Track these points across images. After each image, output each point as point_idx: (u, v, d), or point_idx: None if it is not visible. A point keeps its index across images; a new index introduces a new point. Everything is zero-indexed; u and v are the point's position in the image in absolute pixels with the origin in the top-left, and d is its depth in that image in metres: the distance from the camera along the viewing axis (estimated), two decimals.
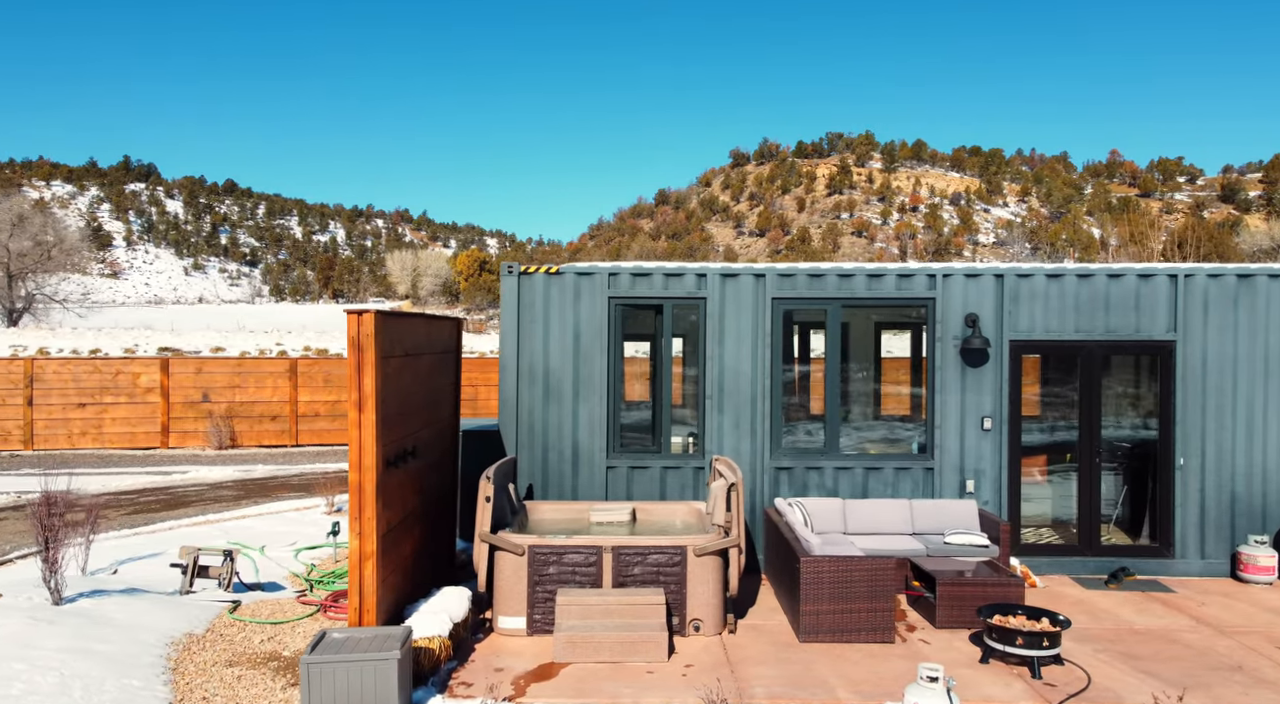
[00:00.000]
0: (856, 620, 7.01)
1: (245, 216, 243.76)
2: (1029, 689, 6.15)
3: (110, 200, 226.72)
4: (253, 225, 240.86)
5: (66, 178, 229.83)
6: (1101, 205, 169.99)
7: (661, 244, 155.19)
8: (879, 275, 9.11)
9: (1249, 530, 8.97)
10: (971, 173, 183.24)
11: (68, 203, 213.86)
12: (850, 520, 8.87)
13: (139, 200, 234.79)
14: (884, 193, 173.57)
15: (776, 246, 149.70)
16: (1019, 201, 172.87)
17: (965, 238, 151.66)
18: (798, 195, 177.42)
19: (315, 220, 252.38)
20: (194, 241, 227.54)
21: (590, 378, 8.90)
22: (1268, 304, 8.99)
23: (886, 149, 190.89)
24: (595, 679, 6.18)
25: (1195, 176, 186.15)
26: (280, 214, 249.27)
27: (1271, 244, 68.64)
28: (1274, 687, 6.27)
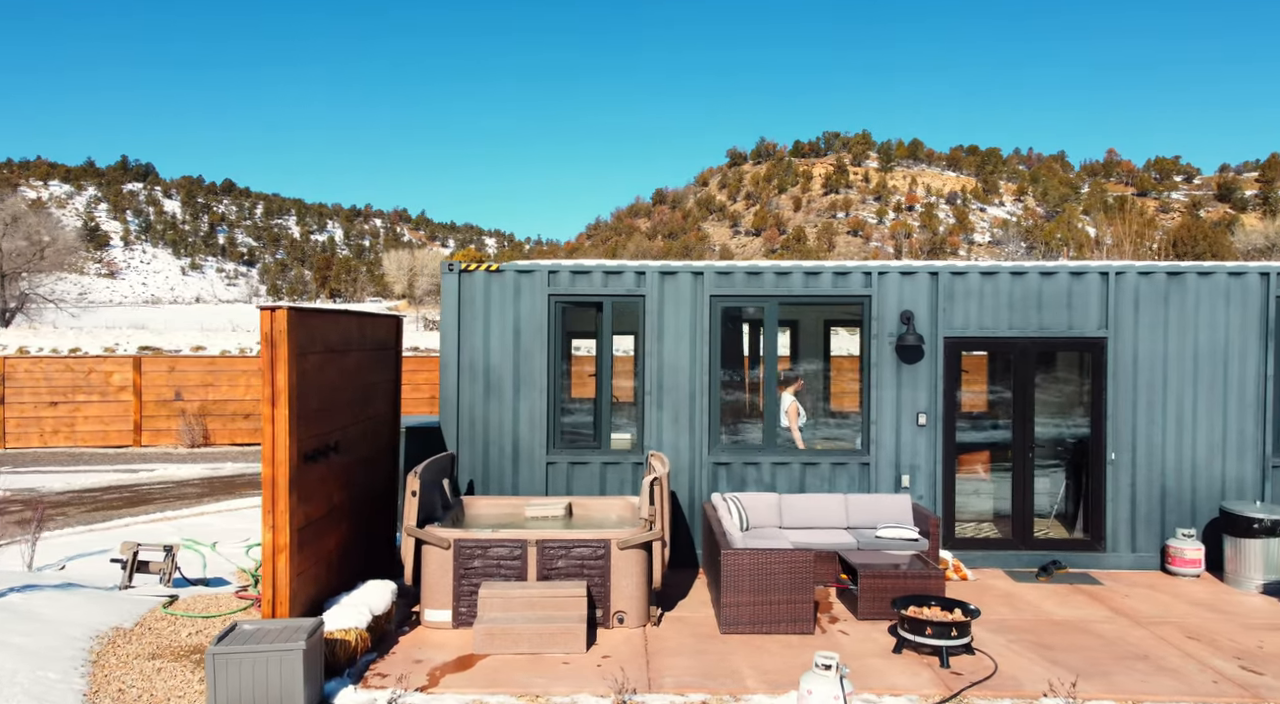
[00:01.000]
0: (776, 612, 7.15)
1: (243, 216, 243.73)
2: (935, 678, 6.29)
3: (108, 200, 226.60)
4: (250, 225, 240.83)
5: (64, 178, 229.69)
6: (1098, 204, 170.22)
7: (658, 243, 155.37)
8: (815, 273, 9.25)
9: (1178, 524, 9.12)
10: (968, 172, 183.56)
11: (65, 203, 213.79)
12: (785, 515, 9.01)
13: (136, 200, 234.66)
14: (880, 192, 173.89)
15: (772, 246, 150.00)
16: (1015, 201, 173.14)
17: (960, 237, 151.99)
18: (794, 195, 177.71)
19: (313, 220, 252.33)
20: (191, 241, 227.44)
21: (531, 375, 9.04)
22: (1197, 302, 9.13)
23: (883, 148, 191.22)
24: (510, 670, 6.31)
25: (1192, 176, 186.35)
26: (278, 214, 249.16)
27: (1266, 243, 68.75)
28: (1173, 675, 6.41)
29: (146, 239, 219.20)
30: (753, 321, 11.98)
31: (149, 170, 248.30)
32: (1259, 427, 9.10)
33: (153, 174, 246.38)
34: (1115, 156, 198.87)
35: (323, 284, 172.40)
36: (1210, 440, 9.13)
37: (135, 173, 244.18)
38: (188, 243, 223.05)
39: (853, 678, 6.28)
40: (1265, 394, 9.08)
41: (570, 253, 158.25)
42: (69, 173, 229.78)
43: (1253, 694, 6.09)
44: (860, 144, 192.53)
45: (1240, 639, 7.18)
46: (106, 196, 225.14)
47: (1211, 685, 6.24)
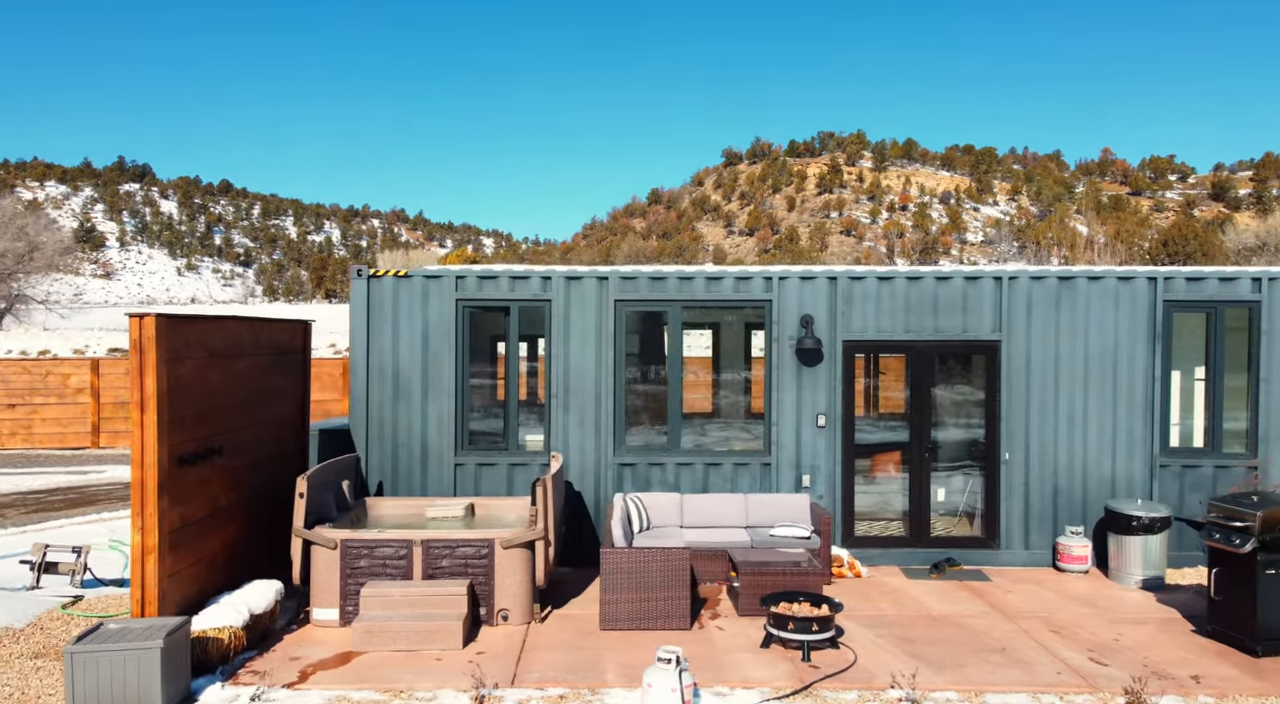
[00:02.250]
0: (653, 609, 7.39)
1: (240, 217, 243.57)
2: (793, 670, 6.53)
3: (104, 201, 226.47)
4: (247, 225, 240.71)
5: (60, 178, 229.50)
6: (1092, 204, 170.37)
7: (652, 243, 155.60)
8: (718, 278, 9.50)
9: (1070, 522, 9.37)
10: (962, 171, 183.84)
11: (61, 203, 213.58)
12: (687, 514, 9.26)
13: (133, 201, 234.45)
14: (874, 192, 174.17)
15: (765, 245, 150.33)
16: (1009, 200, 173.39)
17: (953, 236, 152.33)
18: (788, 194, 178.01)
19: (310, 220, 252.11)
20: (188, 242, 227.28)
21: (439, 378, 9.28)
22: (1088, 305, 9.39)
23: (877, 148, 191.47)
24: (382, 666, 6.54)
25: (1187, 175, 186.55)
26: (275, 214, 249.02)
27: (1257, 242, 68.97)
28: (1023, 666, 6.66)
29: (143, 240, 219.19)
30: None
31: (146, 171, 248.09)
32: (1147, 426, 9.35)
33: (149, 174, 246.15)
34: (1111, 156, 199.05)
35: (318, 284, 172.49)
36: (1101, 440, 9.39)
37: (132, 173, 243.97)
38: (184, 243, 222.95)
39: (714, 671, 6.54)
40: (1153, 395, 9.34)
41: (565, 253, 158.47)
42: (65, 173, 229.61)
43: (1090, 684, 6.34)
44: (855, 144, 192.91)
45: (1101, 632, 7.43)
46: (103, 197, 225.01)
47: (1055, 676, 6.49)
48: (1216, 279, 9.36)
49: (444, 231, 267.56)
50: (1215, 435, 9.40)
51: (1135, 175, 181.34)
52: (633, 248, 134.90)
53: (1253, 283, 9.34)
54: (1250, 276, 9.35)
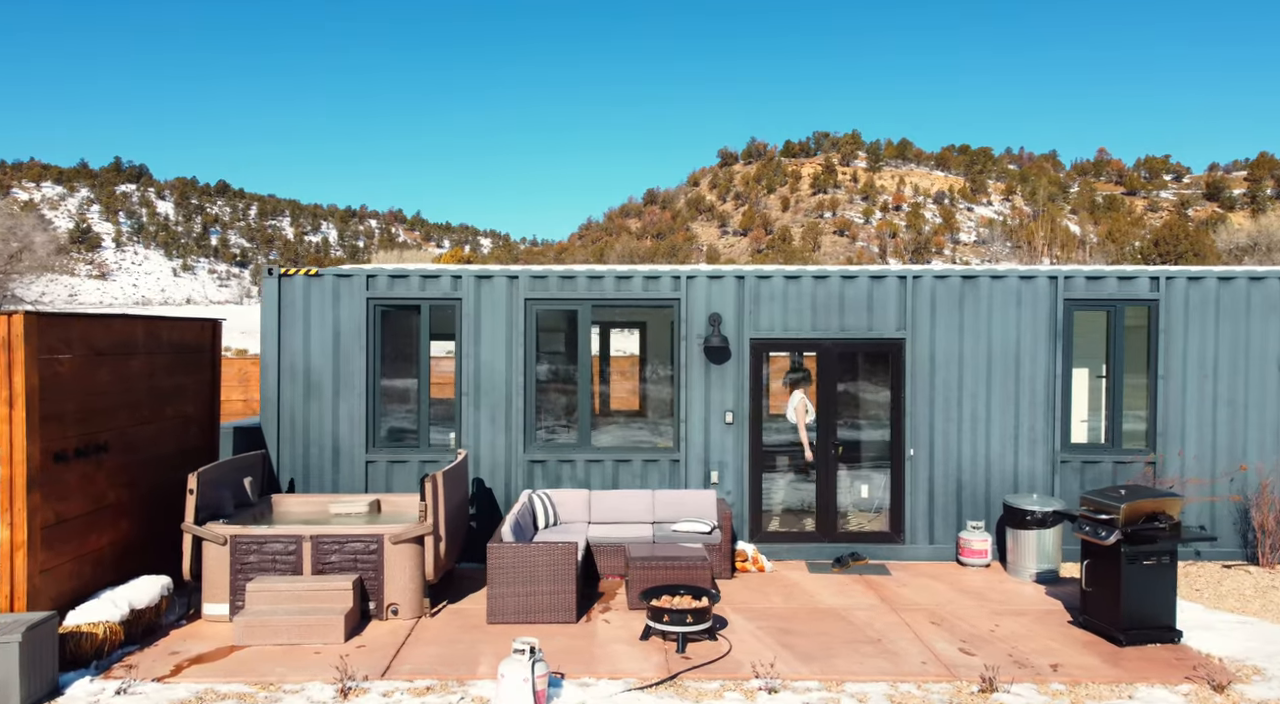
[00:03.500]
0: (539, 603, 7.52)
1: (237, 217, 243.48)
2: (664, 662, 6.65)
3: (100, 201, 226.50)
4: (244, 226, 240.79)
5: (57, 179, 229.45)
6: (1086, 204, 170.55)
7: (646, 244, 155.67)
8: (627, 277, 9.63)
9: (972, 517, 9.51)
10: (957, 171, 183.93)
11: (58, 204, 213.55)
12: (595, 510, 9.40)
13: (129, 201, 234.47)
14: (868, 192, 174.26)
15: (758, 246, 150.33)
16: (1004, 200, 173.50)
17: (946, 236, 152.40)
18: (782, 195, 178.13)
19: (308, 221, 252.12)
20: (184, 242, 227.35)
21: (350, 376, 9.41)
22: (990, 304, 9.53)
23: (871, 148, 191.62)
24: (258, 660, 6.62)
25: (1182, 175, 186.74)
26: (272, 215, 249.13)
27: (1249, 241, 69.11)
28: (891, 657, 6.80)
29: (139, 240, 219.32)
30: (603, 323, 12.40)
31: (142, 171, 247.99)
32: (1049, 423, 9.50)
33: (146, 175, 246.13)
34: (1106, 155, 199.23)
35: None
36: (1003, 436, 9.53)
37: (129, 174, 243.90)
38: (180, 244, 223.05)
39: (587, 662, 6.67)
40: (1054, 392, 9.48)
41: (559, 253, 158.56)
42: (62, 174, 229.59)
43: (950, 673, 6.48)
44: (849, 144, 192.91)
45: (980, 624, 7.58)
46: (99, 198, 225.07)
47: (919, 666, 6.63)
48: (1116, 278, 9.51)
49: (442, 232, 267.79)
50: (1115, 431, 9.55)
51: (1130, 175, 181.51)
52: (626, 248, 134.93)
53: (1151, 282, 9.49)
54: (1149, 275, 9.49)
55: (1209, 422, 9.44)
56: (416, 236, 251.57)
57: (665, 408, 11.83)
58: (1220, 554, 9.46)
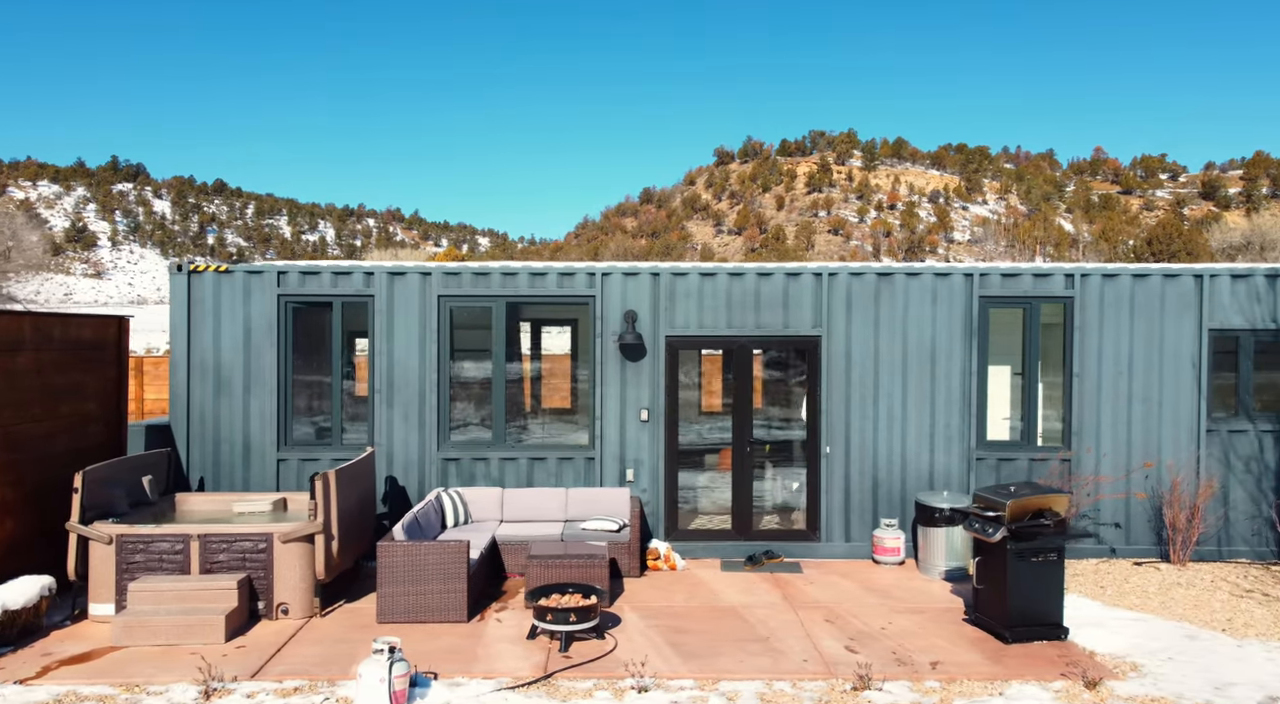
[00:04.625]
0: (430, 602, 7.46)
1: (234, 216, 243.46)
2: (544, 661, 6.58)
3: (96, 200, 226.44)
4: (241, 225, 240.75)
5: (53, 178, 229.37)
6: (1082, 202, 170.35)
7: (640, 242, 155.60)
8: (541, 274, 9.57)
9: (888, 515, 9.47)
10: (952, 170, 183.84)
11: (53, 203, 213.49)
12: (508, 508, 9.35)
13: (126, 200, 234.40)
14: (862, 191, 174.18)
15: (752, 245, 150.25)
16: (999, 199, 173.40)
17: (940, 235, 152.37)
18: (777, 194, 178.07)
19: (305, 220, 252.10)
20: (180, 241, 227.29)
21: (262, 373, 9.35)
22: (906, 301, 9.48)
23: (867, 147, 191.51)
24: (132, 661, 6.48)
25: (1178, 174, 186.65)
26: (270, 213, 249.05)
27: (1243, 240, 69.15)
28: (775, 655, 6.74)
29: (134, 239, 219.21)
30: (533, 321, 12.34)
31: (139, 170, 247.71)
32: (964, 420, 9.45)
33: (143, 174, 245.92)
34: (1103, 154, 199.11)
35: None
36: (919, 434, 9.49)
37: (125, 173, 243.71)
38: (176, 243, 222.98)
39: (466, 662, 6.60)
40: (970, 390, 9.44)
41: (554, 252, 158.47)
42: (58, 173, 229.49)
43: (829, 671, 6.44)
44: (845, 142, 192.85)
45: (874, 621, 7.53)
46: (95, 197, 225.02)
47: (800, 664, 6.59)
48: (1031, 275, 9.46)
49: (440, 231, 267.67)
50: (1030, 429, 9.51)
51: (1126, 174, 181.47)
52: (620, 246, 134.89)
53: (1066, 279, 9.44)
54: (1064, 273, 9.45)
55: (1123, 419, 9.39)
56: (414, 236, 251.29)
57: (577, 405, 11.82)
58: (1135, 551, 9.42)
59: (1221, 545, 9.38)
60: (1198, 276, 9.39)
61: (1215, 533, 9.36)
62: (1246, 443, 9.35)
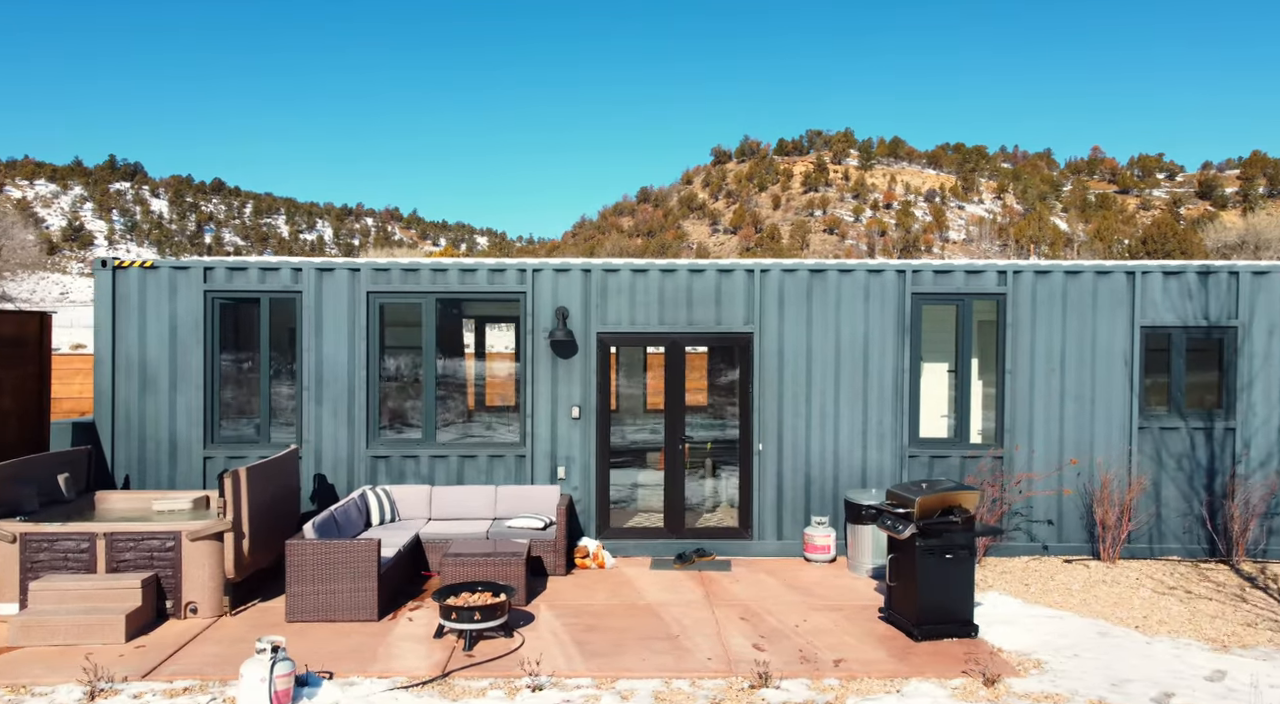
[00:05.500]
0: (340, 601, 7.38)
1: (232, 215, 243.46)
2: (444, 659, 6.51)
3: (93, 200, 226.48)
4: (239, 224, 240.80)
5: (50, 177, 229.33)
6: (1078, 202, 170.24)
7: (636, 241, 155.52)
8: (471, 270, 9.50)
9: (821, 512, 9.40)
10: (949, 170, 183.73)
11: (50, 202, 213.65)
12: (436, 506, 9.27)
13: (123, 199, 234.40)
14: (859, 190, 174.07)
15: (747, 244, 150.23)
16: (995, 198, 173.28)
17: (935, 234, 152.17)
18: (774, 193, 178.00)
19: (303, 219, 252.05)
20: (177, 240, 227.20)
21: (188, 370, 9.27)
22: (839, 298, 9.41)
23: (863, 146, 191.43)
24: (25, 662, 6.37)
25: (1175, 173, 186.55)
26: (268, 213, 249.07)
27: (1238, 239, 69.21)
28: (680, 653, 6.68)
29: (131, 238, 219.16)
30: (478, 318, 12.27)
31: (137, 169, 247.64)
32: (896, 417, 9.38)
33: (141, 173, 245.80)
34: (1100, 154, 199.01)
35: None
36: (852, 431, 9.42)
37: (123, 172, 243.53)
38: (173, 242, 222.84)
39: (365, 661, 6.52)
40: (902, 387, 9.37)
41: (550, 251, 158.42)
42: (55, 172, 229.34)
43: (730, 669, 6.37)
44: (841, 142, 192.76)
45: (789, 619, 7.48)
46: (92, 196, 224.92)
47: (703, 662, 6.52)
48: (964, 272, 9.39)
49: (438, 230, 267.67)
50: (963, 426, 9.44)
51: (1123, 173, 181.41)
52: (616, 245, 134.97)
53: (998, 275, 9.38)
54: (996, 269, 9.38)
55: (1056, 416, 9.33)
56: (413, 235, 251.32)
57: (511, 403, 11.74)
58: (1067, 549, 9.36)
59: (1153, 543, 9.31)
60: (1130, 274, 9.32)
61: (1147, 530, 9.30)
62: (1178, 440, 9.28)
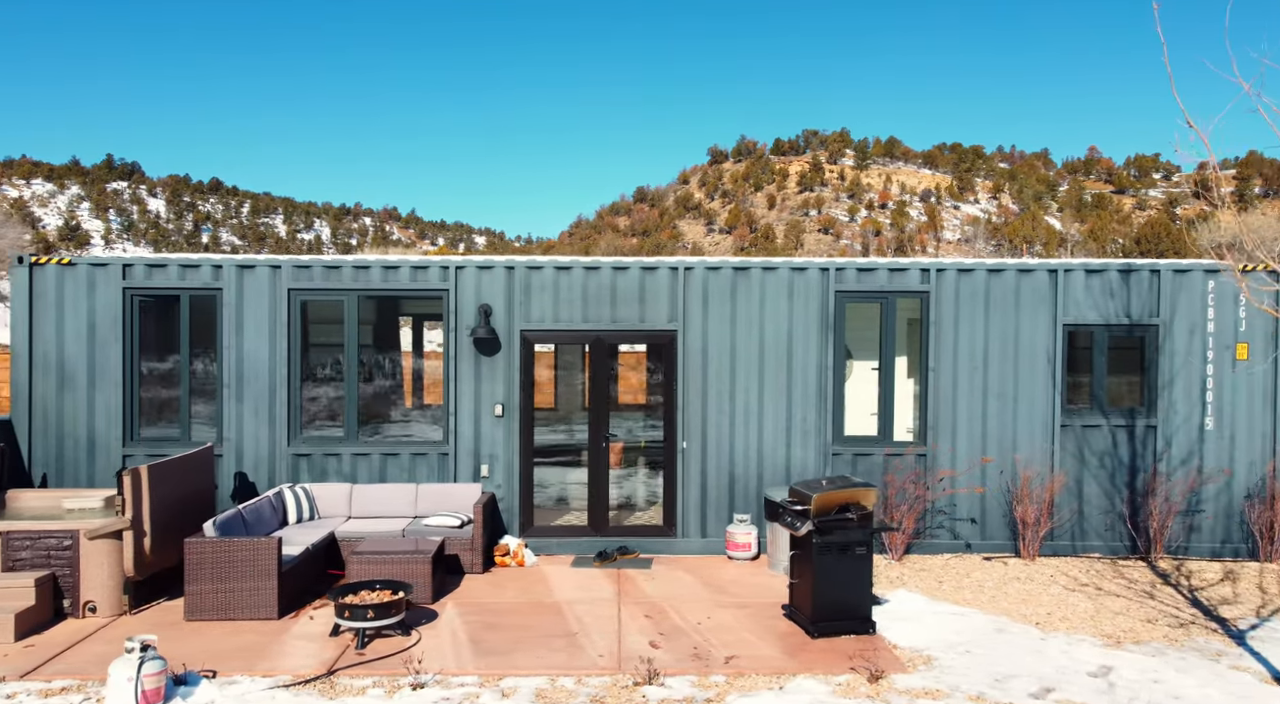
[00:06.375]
0: (239, 599, 7.33)
1: (229, 215, 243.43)
2: (334, 657, 6.46)
3: (90, 199, 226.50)
4: (236, 224, 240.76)
5: (48, 176, 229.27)
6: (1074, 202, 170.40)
7: (632, 241, 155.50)
8: (394, 267, 9.45)
9: (744, 510, 9.36)
10: (945, 170, 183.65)
11: (47, 201, 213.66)
12: (356, 504, 9.22)
13: (120, 199, 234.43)
14: (854, 190, 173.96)
15: (741, 243, 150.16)
16: (991, 198, 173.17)
17: (929, 234, 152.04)
18: (769, 193, 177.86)
19: (301, 219, 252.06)
20: (174, 240, 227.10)
21: (106, 368, 9.21)
22: (763, 296, 9.37)
23: (859, 146, 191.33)
24: None
25: (1171, 173, 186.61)
26: (265, 212, 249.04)
27: (1231, 239, 69.32)
28: (573, 651, 6.65)
29: (128, 238, 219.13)
30: (415, 316, 12.24)
31: (134, 169, 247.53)
32: (820, 415, 9.35)
33: (138, 172, 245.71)
34: (1097, 154, 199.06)
35: None
36: (776, 429, 9.38)
37: (120, 171, 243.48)
38: (170, 241, 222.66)
39: (253, 660, 6.47)
40: (826, 385, 9.33)
41: (545, 250, 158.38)
42: (52, 171, 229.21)
43: (618, 667, 6.35)
44: (837, 142, 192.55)
45: (694, 616, 7.45)
46: (89, 195, 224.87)
47: (594, 659, 6.49)
48: (887, 270, 9.36)
49: (436, 230, 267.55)
50: (886, 424, 9.39)
51: (1119, 173, 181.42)
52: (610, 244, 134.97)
53: (922, 274, 9.34)
54: (920, 267, 9.35)
55: (979, 413, 9.30)
56: (411, 234, 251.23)
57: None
58: (990, 546, 9.33)
59: (1076, 540, 9.28)
60: (1052, 272, 9.29)
61: (1070, 528, 9.27)
62: (1101, 438, 9.24)
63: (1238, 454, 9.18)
